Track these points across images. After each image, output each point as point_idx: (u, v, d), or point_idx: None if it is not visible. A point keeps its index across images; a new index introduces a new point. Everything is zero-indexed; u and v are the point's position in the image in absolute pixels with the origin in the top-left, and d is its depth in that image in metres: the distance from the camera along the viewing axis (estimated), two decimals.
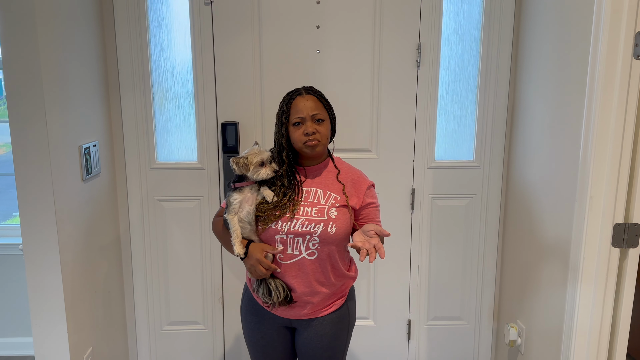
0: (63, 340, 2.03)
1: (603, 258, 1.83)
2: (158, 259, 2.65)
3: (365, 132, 2.55)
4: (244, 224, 1.71)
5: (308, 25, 2.45)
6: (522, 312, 2.42)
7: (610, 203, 1.79)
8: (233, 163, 1.69)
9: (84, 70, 2.21)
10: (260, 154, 1.71)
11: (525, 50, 2.38)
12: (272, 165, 1.71)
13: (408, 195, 2.62)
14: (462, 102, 2.57)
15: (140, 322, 2.71)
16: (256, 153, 1.71)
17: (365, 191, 1.76)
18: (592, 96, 1.77)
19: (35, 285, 1.98)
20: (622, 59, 1.70)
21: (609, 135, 1.75)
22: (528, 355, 2.36)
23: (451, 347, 2.82)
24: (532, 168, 2.31)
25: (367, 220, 1.77)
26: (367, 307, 2.75)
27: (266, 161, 1.71)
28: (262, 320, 1.82)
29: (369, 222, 1.76)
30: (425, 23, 2.45)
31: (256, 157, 1.70)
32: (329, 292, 1.76)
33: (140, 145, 2.53)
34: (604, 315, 1.87)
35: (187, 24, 2.44)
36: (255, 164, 1.70)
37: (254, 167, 1.70)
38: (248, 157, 1.70)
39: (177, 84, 2.50)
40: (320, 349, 1.80)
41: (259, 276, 1.71)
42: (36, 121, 1.85)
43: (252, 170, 1.70)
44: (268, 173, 1.70)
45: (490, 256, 2.71)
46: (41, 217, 1.92)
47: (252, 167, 1.70)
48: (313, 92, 1.74)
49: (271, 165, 1.71)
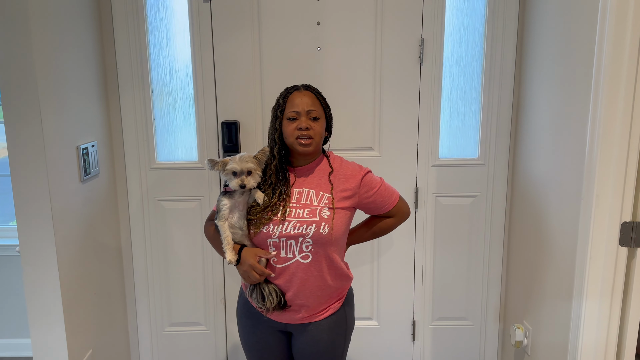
0: (61, 342, 2.01)
1: (610, 257, 1.78)
2: (159, 260, 2.63)
3: (367, 130, 2.52)
4: (235, 229, 1.67)
5: (308, 22, 2.42)
6: (529, 312, 2.38)
7: (617, 201, 1.74)
8: (208, 163, 1.65)
9: (82, 70, 2.19)
10: (244, 163, 1.63)
11: (529, 46, 2.33)
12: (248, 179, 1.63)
13: (412, 194, 2.58)
14: (466, 99, 2.52)
15: (142, 323, 2.69)
16: (238, 161, 1.64)
17: (360, 184, 1.71)
18: (598, 92, 1.72)
19: (32, 287, 1.96)
20: (629, 54, 1.66)
21: (616, 132, 1.70)
22: (534, 357, 2.32)
23: (456, 348, 2.78)
24: (537, 165, 2.26)
25: (375, 209, 1.77)
26: (370, 308, 2.71)
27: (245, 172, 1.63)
28: (258, 324, 1.78)
29: (383, 206, 1.77)
30: (427, 19, 2.41)
31: (233, 164, 1.63)
32: (325, 295, 1.72)
33: (140, 145, 2.51)
34: (611, 317, 1.82)
35: (186, 22, 2.41)
36: (228, 171, 1.64)
37: (226, 174, 1.65)
38: (227, 162, 1.64)
39: (177, 83, 2.48)
40: (316, 354, 1.75)
41: (252, 282, 1.68)
42: (31, 122, 1.83)
43: (224, 175, 1.66)
44: (235, 185, 1.63)
45: (495, 255, 2.66)
46: (38, 219, 1.90)
47: (225, 173, 1.65)
48: (311, 89, 1.71)
49: (249, 178, 1.63)
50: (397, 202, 1.80)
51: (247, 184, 1.63)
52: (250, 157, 1.66)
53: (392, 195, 1.79)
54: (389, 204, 1.77)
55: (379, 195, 1.74)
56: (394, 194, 1.79)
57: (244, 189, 1.64)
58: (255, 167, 1.66)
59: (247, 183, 1.63)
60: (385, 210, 1.79)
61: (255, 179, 1.66)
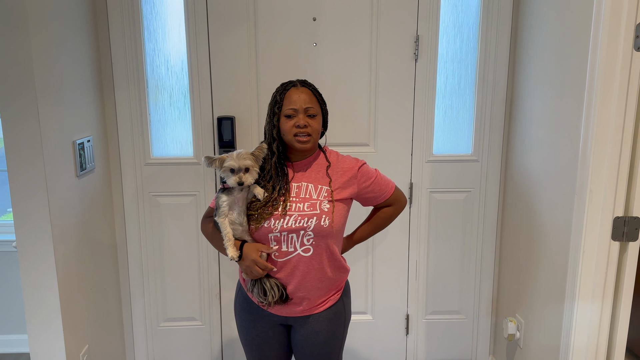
0: (59, 337, 2.01)
1: (603, 252, 1.81)
2: (154, 255, 2.63)
3: (362, 126, 2.53)
4: (235, 225, 1.67)
5: (304, 18, 2.42)
6: (521, 306, 2.41)
7: (610, 196, 1.77)
8: (205, 160, 1.64)
9: (77, 64, 2.18)
10: (241, 160, 1.63)
11: (523, 42, 2.35)
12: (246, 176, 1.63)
13: (406, 190, 2.60)
14: (460, 95, 2.55)
15: (137, 318, 2.69)
16: (236, 158, 1.63)
17: (357, 174, 1.74)
18: (592, 88, 1.75)
19: (29, 283, 1.96)
20: (623, 50, 1.68)
21: (609, 128, 1.73)
22: (527, 349, 2.35)
23: (449, 341, 2.81)
24: (531, 161, 2.29)
25: (375, 196, 1.79)
26: (365, 302, 2.74)
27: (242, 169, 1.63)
28: (257, 319, 1.80)
29: (380, 196, 1.79)
30: (423, 15, 2.43)
31: (231, 162, 1.63)
32: (325, 287, 1.74)
33: (135, 140, 2.50)
34: (603, 311, 1.86)
35: (182, 16, 2.41)
36: (225, 169, 1.64)
37: (223, 171, 1.65)
38: (224, 159, 1.64)
39: (172, 78, 2.47)
40: (317, 345, 1.78)
41: (255, 277, 1.69)
42: (28, 116, 1.82)
43: (222, 173, 1.65)
44: (232, 182, 1.63)
45: (488, 250, 2.70)
46: (35, 214, 1.90)
47: (222, 171, 1.65)
48: (307, 85, 1.72)
49: (246, 175, 1.63)
50: (394, 190, 1.84)
51: (245, 181, 1.63)
52: (248, 154, 1.66)
53: (389, 184, 1.83)
54: (387, 192, 1.81)
55: (376, 184, 1.78)
56: (390, 183, 1.84)
57: (242, 187, 1.65)
58: (253, 163, 1.66)
59: (245, 180, 1.63)
60: (383, 199, 1.82)
61: (253, 176, 1.66)
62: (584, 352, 1.90)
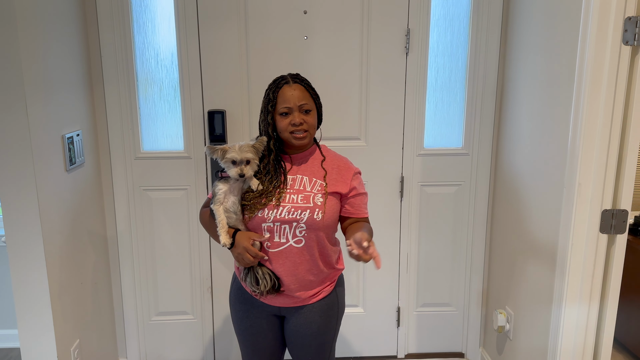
0: (49, 332, 2.01)
1: (591, 244, 1.83)
2: (145, 249, 2.62)
3: (353, 120, 2.53)
4: (229, 213, 1.70)
5: (295, 11, 2.41)
6: (511, 298, 2.44)
7: (598, 189, 1.79)
8: (208, 149, 1.67)
9: (66, 58, 2.16)
10: (243, 153, 1.66)
11: (514, 36, 2.36)
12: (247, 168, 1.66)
13: (397, 183, 2.61)
14: (450, 89, 2.55)
15: (128, 313, 2.69)
16: (238, 150, 1.66)
17: (351, 177, 1.75)
18: (581, 82, 1.76)
19: (19, 277, 1.95)
20: (611, 44, 1.69)
21: (598, 121, 1.74)
22: (516, 341, 2.38)
23: (440, 333, 2.83)
24: (520, 155, 2.30)
25: (352, 209, 1.76)
26: (357, 295, 2.75)
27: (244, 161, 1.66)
28: (251, 309, 1.81)
29: (355, 212, 1.75)
30: (413, 8, 2.43)
31: (233, 154, 1.65)
32: (317, 280, 1.76)
33: (125, 134, 2.48)
34: (591, 301, 1.88)
35: (172, 9, 2.39)
36: (227, 160, 1.67)
37: (225, 162, 1.68)
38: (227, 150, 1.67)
39: (162, 71, 2.46)
40: (310, 336, 1.79)
41: (246, 264, 1.70)
42: (17, 110, 1.81)
43: (223, 163, 1.68)
44: (234, 174, 1.66)
45: (478, 243, 2.72)
46: (24, 208, 1.89)
47: (224, 162, 1.68)
48: (300, 80, 1.72)
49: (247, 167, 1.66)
50: (367, 217, 1.81)
51: (246, 174, 1.67)
52: (249, 147, 1.68)
53: (366, 208, 1.81)
54: (362, 212, 1.79)
55: (361, 198, 1.78)
56: (366, 210, 1.81)
57: (243, 178, 1.68)
58: (254, 156, 1.69)
59: (246, 172, 1.67)
60: (357, 216, 1.78)
61: (253, 168, 1.69)
62: (572, 344, 1.93)
